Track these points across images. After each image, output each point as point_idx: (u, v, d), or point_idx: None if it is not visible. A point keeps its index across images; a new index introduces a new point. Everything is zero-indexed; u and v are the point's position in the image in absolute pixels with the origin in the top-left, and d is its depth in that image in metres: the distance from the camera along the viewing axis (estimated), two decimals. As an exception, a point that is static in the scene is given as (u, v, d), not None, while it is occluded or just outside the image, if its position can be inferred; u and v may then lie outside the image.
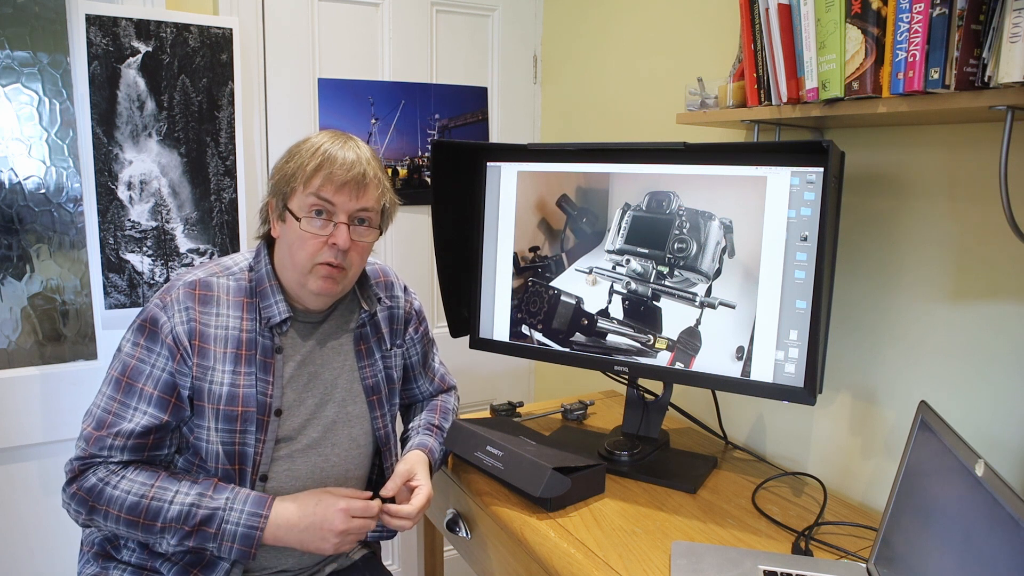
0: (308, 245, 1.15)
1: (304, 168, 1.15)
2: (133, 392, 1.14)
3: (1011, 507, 0.74)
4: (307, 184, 1.15)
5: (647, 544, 1.15)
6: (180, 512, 1.09)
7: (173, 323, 1.15)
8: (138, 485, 1.11)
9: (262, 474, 1.18)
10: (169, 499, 1.10)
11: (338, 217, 1.16)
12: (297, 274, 1.18)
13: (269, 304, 1.20)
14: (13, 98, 1.71)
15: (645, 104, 1.87)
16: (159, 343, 1.15)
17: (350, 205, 1.16)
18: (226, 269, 1.23)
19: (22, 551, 1.75)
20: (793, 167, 1.22)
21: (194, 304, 1.17)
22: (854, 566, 1.08)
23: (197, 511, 1.09)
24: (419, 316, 1.43)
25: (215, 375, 1.16)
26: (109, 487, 1.11)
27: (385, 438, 1.33)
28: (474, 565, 1.44)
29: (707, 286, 1.32)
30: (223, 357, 1.17)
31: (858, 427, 1.37)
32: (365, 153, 1.19)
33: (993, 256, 1.15)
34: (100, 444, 1.12)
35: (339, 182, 1.14)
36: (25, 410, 1.70)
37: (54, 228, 1.79)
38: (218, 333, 1.17)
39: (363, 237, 1.19)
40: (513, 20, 2.23)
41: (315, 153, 1.15)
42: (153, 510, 1.09)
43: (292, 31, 1.92)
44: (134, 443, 1.13)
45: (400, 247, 2.15)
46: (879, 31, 1.02)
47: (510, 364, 2.35)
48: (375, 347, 1.33)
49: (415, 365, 1.44)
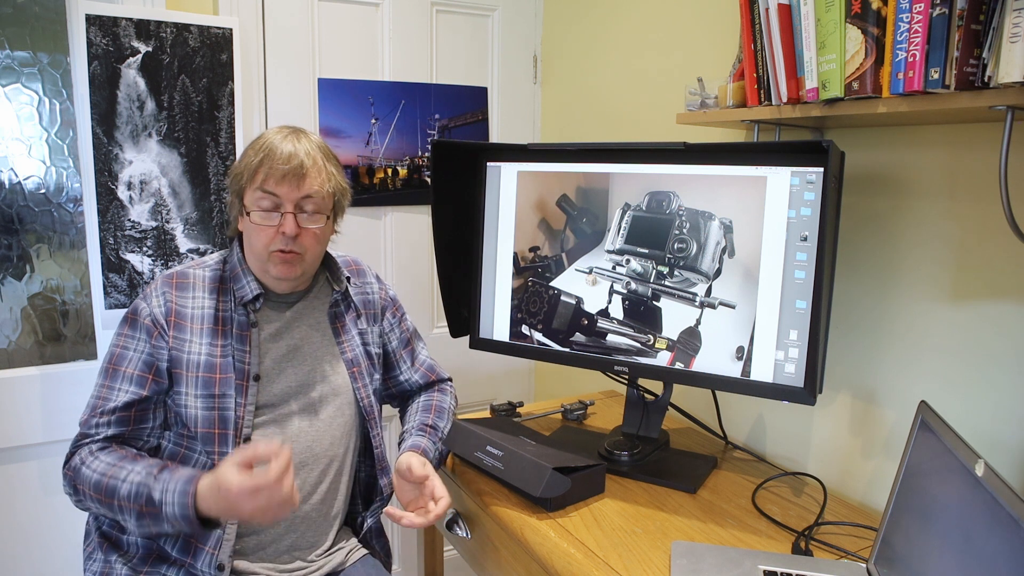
0: (262, 235, 1.24)
1: (250, 165, 1.24)
2: (118, 375, 1.22)
3: (1011, 507, 0.74)
4: (252, 179, 1.24)
5: (647, 544, 1.15)
6: (129, 491, 1.12)
7: (151, 307, 1.25)
8: (103, 465, 1.16)
9: (245, 436, 1.24)
10: (123, 478, 1.13)
11: (284, 207, 1.23)
12: (259, 262, 1.27)
13: (241, 285, 1.28)
14: (13, 98, 1.71)
15: (645, 104, 1.87)
16: (139, 328, 1.24)
17: (293, 195, 1.23)
18: (202, 263, 1.33)
19: (22, 551, 1.75)
20: (793, 167, 1.22)
21: (171, 290, 1.27)
22: (854, 566, 1.08)
23: (142, 491, 1.11)
24: (395, 303, 1.50)
25: (192, 346, 1.24)
26: (84, 467, 1.17)
27: (369, 408, 1.39)
28: (474, 565, 1.44)
29: (707, 286, 1.32)
30: (200, 332, 1.25)
31: (858, 427, 1.37)
32: (304, 145, 1.25)
33: (993, 256, 1.15)
34: (89, 425, 1.21)
35: (279, 174, 1.22)
36: (25, 410, 1.70)
37: (54, 228, 1.79)
38: (195, 312, 1.26)
39: (311, 223, 1.26)
40: (513, 20, 2.23)
41: (259, 149, 1.24)
42: (110, 488, 1.13)
43: (292, 31, 1.92)
44: (118, 417, 1.20)
45: (400, 247, 2.16)
46: (879, 31, 1.02)
47: (510, 364, 2.35)
48: (352, 324, 1.40)
49: (396, 351, 1.48)
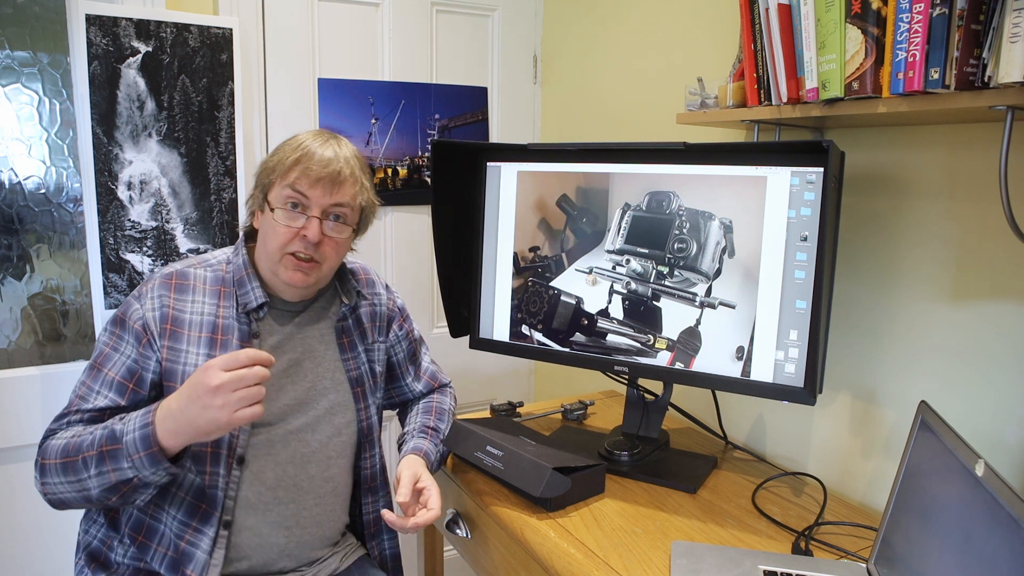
0: (280, 235, 1.19)
1: (284, 162, 1.20)
2: (99, 377, 1.18)
3: (1011, 507, 0.74)
4: (284, 176, 1.20)
5: (647, 544, 1.15)
6: (94, 438, 1.08)
7: (144, 310, 1.19)
8: (71, 432, 1.13)
9: (239, 456, 1.19)
10: (89, 432, 1.10)
11: (311, 211, 1.20)
12: (270, 263, 1.22)
13: (246, 291, 1.23)
14: (13, 98, 1.71)
15: (645, 104, 1.87)
16: (127, 330, 1.19)
17: (324, 200, 1.19)
18: (204, 262, 1.28)
19: (21, 551, 1.75)
20: (793, 167, 1.22)
21: (169, 292, 1.21)
22: (854, 566, 1.08)
23: (105, 433, 1.08)
24: (402, 313, 1.46)
25: (188, 357, 1.19)
26: (51, 439, 1.13)
27: (368, 429, 1.35)
28: (474, 565, 1.44)
29: (707, 286, 1.32)
30: (197, 340, 1.20)
31: (858, 427, 1.37)
32: (345, 152, 1.23)
33: (993, 256, 1.15)
34: (59, 420, 1.16)
35: (314, 177, 1.18)
36: (25, 410, 1.70)
37: (54, 228, 1.79)
38: (193, 319, 1.21)
39: (336, 233, 1.22)
40: (513, 20, 2.23)
41: (296, 148, 1.21)
42: (76, 445, 1.09)
43: (292, 31, 1.92)
44: (90, 417, 1.16)
45: (400, 247, 2.15)
46: (879, 31, 1.02)
47: (510, 364, 2.35)
48: (358, 340, 1.36)
49: (402, 363, 1.46)
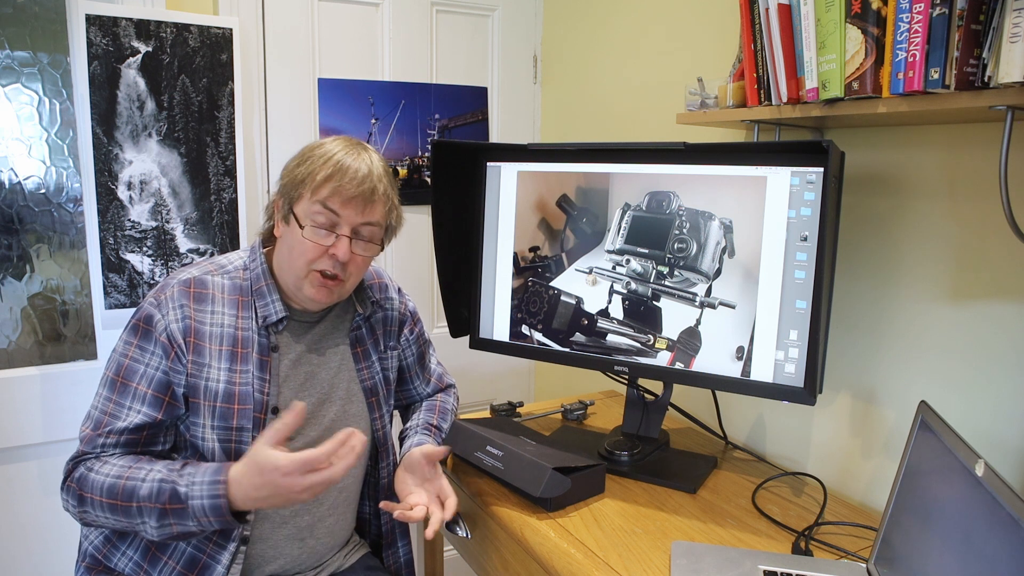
0: (308, 252, 1.16)
1: (315, 175, 1.15)
2: (128, 391, 1.14)
3: (1011, 507, 0.74)
4: (316, 192, 1.15)
5: (647, 544, 1.15)
6: (151, 490, 1.06)
7: (167, 321, 1.15)
8: (117, 468, 1.10)
9: None
10: (142, 477, 1.07)
11: (341, 229, 1.16)
12: (294, 277, 1.19)
13: (266, 303, 1.20)
14: (13, 98, 1.71)
15: (645, 104, 1.87)
16: (153, 342, 1.15)
17: (356, 219, 1.16)
18: (220, 267, 1.23)
19: (21, 551, 1.75)
20: (793, 167, 1.22)
21: (189, 302, 1.17)
22: (854, 566, 1.08)
23: (165, 487, 1.06)
24: (414, 317, 1.44)
25: (211, 372, 1.16)
26: (92, 472, 1.10)
27: (383, 439, 1.35)
28: (474, 565, 1.44)
29: (707, 286, 1.32)
30: (219, 354, 1.17)
31: (858, 427, 1.37)
32: (377, 168, 1.18)
33: (993, 255, 1.15)
34: (93, 443, 1.13)
35: (348, 195, 1.14)
36: (25, 410, 1.70)
37: (54, 228, 1.79)
38: (213, 331, 1.17)
39: (364, 251, 1.20)
40: (513, 20, 2.23)
41: (327, 162, 1.15)
42: (128, 490, 1.07)
43: (292, 31, 1.92)
44: (127, 439, 1.13)
45: (400, 247, 2.15)
46: (879, 31, 1.02)
47: (510, 364, 2.35)
48: (372, 349, 1.34)
49: (411, 366, 1.45)
